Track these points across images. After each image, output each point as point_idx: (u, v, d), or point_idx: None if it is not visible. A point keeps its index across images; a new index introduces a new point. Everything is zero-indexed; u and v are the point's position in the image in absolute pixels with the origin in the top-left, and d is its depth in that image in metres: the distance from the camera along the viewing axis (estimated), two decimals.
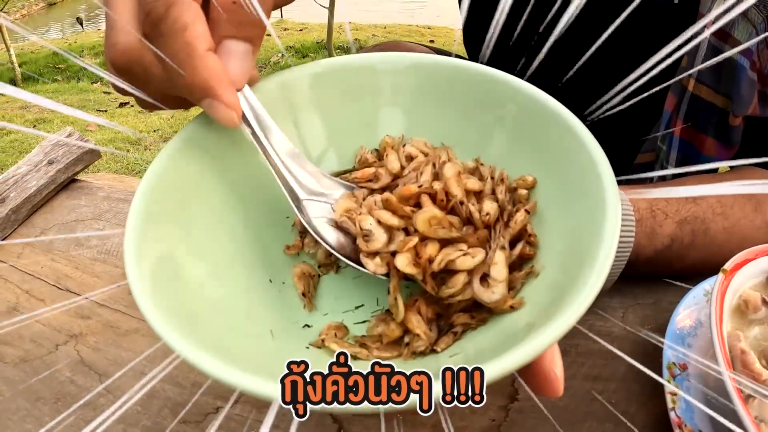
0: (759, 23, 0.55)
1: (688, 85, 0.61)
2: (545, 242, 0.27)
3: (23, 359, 0.38)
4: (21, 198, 0.53)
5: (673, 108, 0.63)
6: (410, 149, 0.32)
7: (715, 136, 0.62)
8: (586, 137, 0.26)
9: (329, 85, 0.32)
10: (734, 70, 0.57)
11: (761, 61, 0.57)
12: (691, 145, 0.63)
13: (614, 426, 0.34)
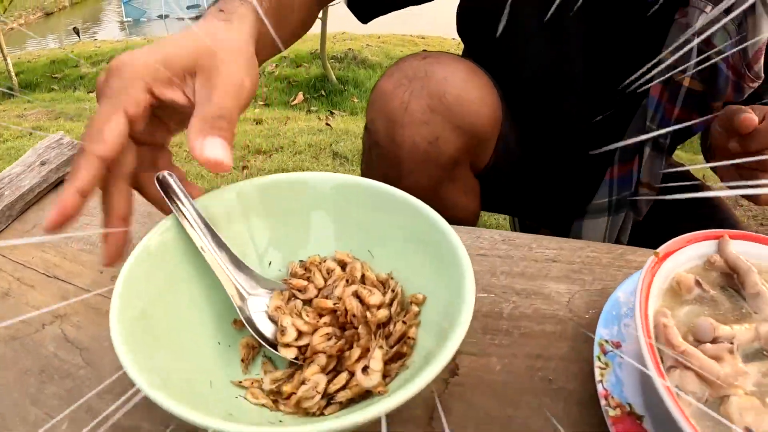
0: (732, 31, 0.70)
1: (682, 81, 0.74)
2: (426, 316, 0.38)
3: (13, 337, 0.41)
4: (15, 196, 0.56)
5: (660, 96, 0.76)
6: (330, 264, 0.43)
7: (699, 113, 0.76)
8: (448, 232, 0.37)
9: (273, 197, 0.43)
10: (714, 69, 0.72)
11: (734, 61, 0.71)
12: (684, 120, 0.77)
13: (550, 400, 0.37)
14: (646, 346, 0.31)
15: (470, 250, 0.45)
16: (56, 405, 0.36)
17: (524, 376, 0.39)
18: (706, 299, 0.38)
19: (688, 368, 0.31)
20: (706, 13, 0.69)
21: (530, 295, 0.45)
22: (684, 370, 0.31)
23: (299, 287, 0.41)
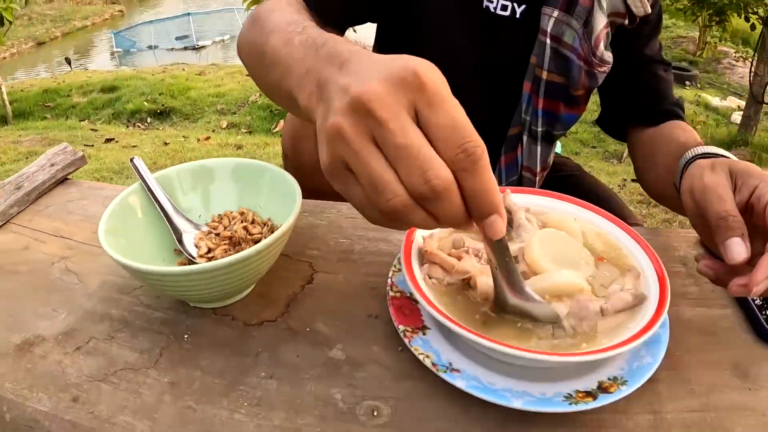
0: (578, 29, 0.89)
1: (541, 75, 0.92)
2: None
3: (30, 271, 0.64)
4: (31, 186, 0.79)
5: (530, 91, 0.94)
6: (234, 214, 0.66)
7: (566, 102, 0.96)
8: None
9: (202, 174, 0.68)
10: (568, 62, 0.90)
11: (584, 52, 0.89)
12: (551, 112, 0.96)
13: (371, 299, 0.59)
14: (403, 250, 0.54)
15: (348, 217, 0.69)
16: (58, 304, 0.59)
17: (360, 286, 0.61)
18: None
19: (434, 263, 0.54)
20: (554, 17, 0.88)
21: (378, 241, 0.68)
22: (431, 264, 0.54)
23: (213, 227, 0.64)
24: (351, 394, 0.47)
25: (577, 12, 0.88)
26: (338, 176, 0.39)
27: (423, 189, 0.36)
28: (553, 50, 0.91)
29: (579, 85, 0.93)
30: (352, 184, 0.39)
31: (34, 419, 0.47)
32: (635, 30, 0.93)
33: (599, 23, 0.89)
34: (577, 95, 0.96)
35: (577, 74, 0.92)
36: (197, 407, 0.46)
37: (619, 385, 0.45)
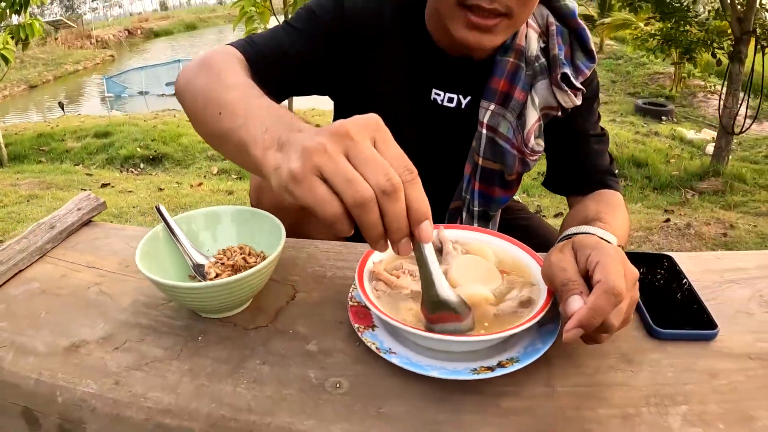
0: (512, 121, 1.02)
1: (478, 161, 1.06)
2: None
3: (70, 294, 0.81)
4: (63, 226, 0.96)
5: (470, 173, 1.08)
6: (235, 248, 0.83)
7: (500, 186, 1.09)
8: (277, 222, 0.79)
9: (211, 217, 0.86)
10: (503, 151, 1.04)
11: (517, 142, 1.03)
12: (486, 193, 1.10)
13: (342, 312, 0.76)
14: (357, 272, 0.71)
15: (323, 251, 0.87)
16: (97, 317, 0.76)
17: (330, 300, 0.78)
18: None
19: (380, 280, 0.72)
20: (490, 110, 1.02)
21: (345, 268, 0.86)
22: (378, 281, 0.72)
23: (219, 258, 0.80)
24: (321, 374, 0.65)
25: (511, 105, 1.01)
26: (305, 181, 0.51)
27: (386, 185, 0.49)
28: (489, 139, 1.04)
29: (513, 171, 1.06)
30: (317, 186, 0.51)
31: (83, 399, 0.63)
32: (572, 111, 1.04)
33: (531, 118, 1.01)
34: (511, 179, 1.09)
35: (512, 161, 1.04)
36: (209, 385, 0.63)
37: (513, 362, 0.62)
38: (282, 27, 1.01)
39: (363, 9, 1.01)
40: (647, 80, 11.83)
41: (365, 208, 0.50)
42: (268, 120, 0.63)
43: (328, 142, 0.51)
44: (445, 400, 0.61)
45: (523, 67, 1.01)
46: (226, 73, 0.79)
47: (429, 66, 1.04)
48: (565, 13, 1.03)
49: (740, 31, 5.14)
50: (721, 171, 5.47)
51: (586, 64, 1.01)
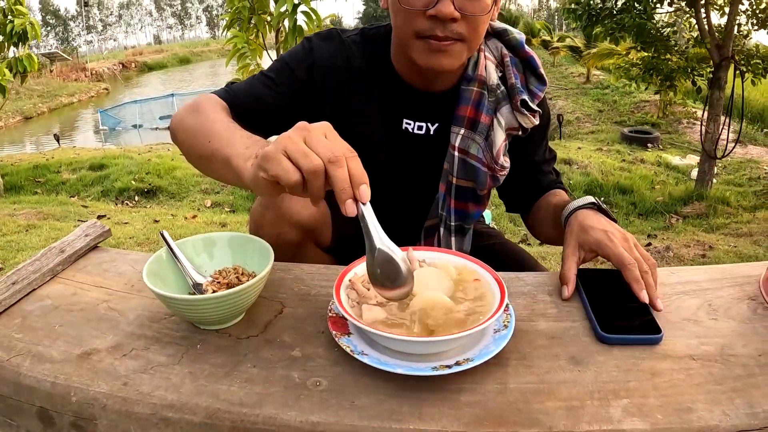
0: (481, 143, 1.17)
1: (452, 181, 1.20)
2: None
3: (81, 309, 0.91)
4: (72, 251, 1.06)
5: (445, 191, 1.21)
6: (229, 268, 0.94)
7: (474, 202, 1.23)
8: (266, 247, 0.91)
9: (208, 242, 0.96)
10: (475, 170, 1.17)
11: (487, 160, 1.17)
12: (461, 209, 1.24)
13: (323, 324, 0.86)
14: (335, 285, 0.82)
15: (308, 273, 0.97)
16: (106, 329, 0.85)
17: (312, 315, 0.88)
18: None
19: (353, 290, 0.83)
20: (461, 135, 1.16)
21: (327, 287, 0.96)
22: (352, 290, 0.82)
23: (216, 277, 0.90)
24: (304, 375, 0.75)
25: (479, 129, 1.16)
26: (274, 158, 0.70)
27: (331, 156, 0.68)
28: (461, 160, 1.18)
29: (485, 186, 1.21)
30: (282, 160, 0.70)
31: (95, 398, 0.72)
32: (528, 135, 1.21)
33: (499, 138, 1.17)
34: (482, 195, 1.24)
35: (483, 178, 1.19)
36: (207, 384, 0.73)
37: (468, 362, 0.72)
38: (258, 77, 1.16)
39: (331, 57, 1.16)
40: (633, 109, 12.09)
41: (316, 174, 0.69)
42: (248, 142, 0.85)
43: (292, 133, 0.72)
44: (409, 396, 0.71)
45: (486, 94, 1.15)
46: (212, 113, 0.99)
47: (398, 99, 1.18)
48: (515, 45, 1.18)
49: (719, 57, 5.34)
50: (704, 195, 5.62)
51: (539, 87, 1.17)
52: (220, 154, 0.86)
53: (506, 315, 0.82)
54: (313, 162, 0.68)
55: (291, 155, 0.69)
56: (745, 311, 0.89)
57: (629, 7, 5.56)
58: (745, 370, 0.76)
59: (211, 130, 0.92)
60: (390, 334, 0.71)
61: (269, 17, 4.33)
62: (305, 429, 0.66)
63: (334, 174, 0.68)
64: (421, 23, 1.02)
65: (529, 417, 0.68)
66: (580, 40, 17.13)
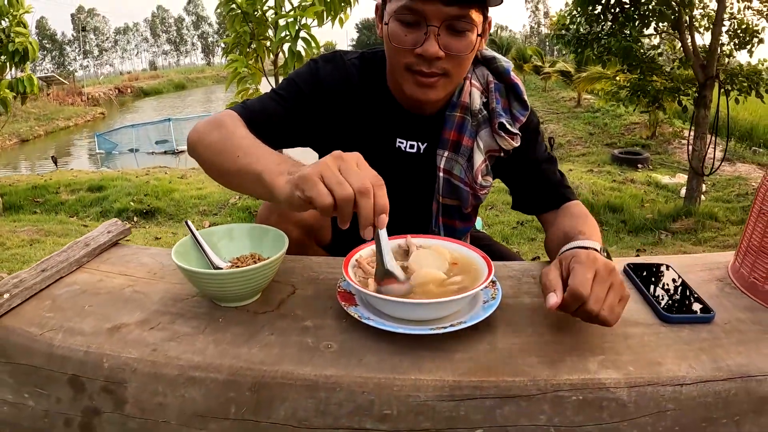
0: (463, 164, 1.25)
1: (439, 200, 1.29)
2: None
3: (108, 292, 1.00)
4: (96, 245, 1.15)
5: (435, 210, 1.31)
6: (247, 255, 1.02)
7: (460, 219, 1.32)
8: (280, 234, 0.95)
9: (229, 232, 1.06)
10: (458, 189, 1.27)
11: (469, 180, 1.25)
12: (450, 226, 1.32)
13: (331, 301, 0.95)
14: (344, 261, 0.91)
15: (316, 263, 1.07)
16: (134, 308, 0.94)
17: (321, 294, 0.97)
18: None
19: (360, 268, 0.92)
20: (445, 156, 1.25)
21: (335, 273, 1.05)
22: (358, 269, 0.92)
23: (234, 263, 0.99)
24: (316, 340, 0.84)
25: (462, 151, 1.25)
26: (311, 180, 0.78)
27: (362, 187, 0.76)
28: (446, 181, 1.26)
29: (468, 204, 1.29)
30: (318, 183, 0.78)
31: (126, 363, 0.81)
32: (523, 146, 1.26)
33: (478, 160, 1.25)
34: (468, 212, 1.32)
35: (466, 197, 1.27)
36: (229, 348, 0.82)
37: (461, 324, 0.82)
38: (270, 94, 1.24)
39: (334, 77, 1.24)
40: (623, 131, 12.29)
41: (347, 201, 0.77)
42: (278, 159, 0.92)
43: (329, 160, 0.80)
44: (409, 354, 0.80)
45: (469, 119, 1.24)
46: (237, 129, 1.06)
47: (392, 119, 1.26)
48: (502, 72, 1.26)
49: (704, 77, 5.50)
50: (693, 211, 5.75)
51: (521, 112, 1.25)
52: (251, 170, 0.92)
53: (494, 289, 0.92)
54: (346, 191, 0.76)
55: (327, 181, 0.77)
56: (714, 289, 1.00)
57: (616, 31, 5.74)
58: (711, 334, 0.86)
59: (240, 145, 0.99)
60: (393, 298, 0.81)
61: (269, 42, 4.46)
62: (320, 381, 0.75)
63: (362, 203, 0.77)
64: (410, 58, 1.11)
65: (515, 368, 0.77)
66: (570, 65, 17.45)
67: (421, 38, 1.08)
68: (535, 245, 4.87)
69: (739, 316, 0.91)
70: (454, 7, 1.06)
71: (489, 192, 1.32)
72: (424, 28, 1.07)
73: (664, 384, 0.75)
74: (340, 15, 4.21)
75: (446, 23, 1.07)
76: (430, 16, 1.06)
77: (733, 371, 0.77)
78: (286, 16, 4.05)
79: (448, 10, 1.06)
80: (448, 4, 1.05)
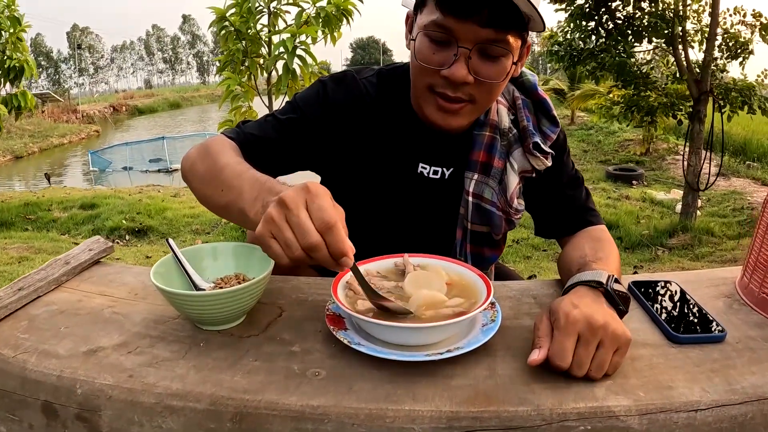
0: (495, 187, 1.16)
1: (467, 226, 1.18)
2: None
3: (88, 313, 0.94)
4: (77, 263, 1.10)
5: (461, 237, 1.20)
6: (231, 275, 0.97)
7: (489, 246, 1.23)
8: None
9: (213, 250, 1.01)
10: (490, 214, 1.17)
11: (501, 204, 1.16)
12: (478, 254, 1.23)
13: (320, 324, 0.90)
14: (333, 282, 0.86)
15: (304, 283, 1.02)
16: (112, 330, 0.88)
17: (309, 316, 0.92)
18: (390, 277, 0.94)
19: (351, 289, 0.87)
20: (474, 179, 1.15)
21: (324, 294, 1.00)
22: (350, 290, 0.87)
23: (218, 284, 0.94)
24: (303, 366, 0.78)
25: (492, 173, 1.15)
26: (264, 243, 0.75)
27: (309, 245, 0.72)
28: (475, 205, 1.16)
29: (501, 231, 1.19)
30: (273, 246, 0.74)
31: (101, 390, 0.75)
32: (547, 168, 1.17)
33: (512, 182, 1.15)
34: (498, 239, 1.22)
35: (498, 222, 1.17)
36: (211, 375, 0.76)
37: (458, 349, 0.77)
38: (270, 118, 1.16)
39: (345, 98, 1.15)
40: (617, 147, 12.34)
41: (300, 261, 0.75)
42: (256, 191, 0.87)
43: (273, 212, 0.74)
44: (403, 381, 0.75)
45: (498, 138, 1.15)
46: (220, 156, 1.00)
47: (415, 142, 1.16)
48: (528, 87, 1.18)
49: (698, 92, 5.51)
50: (689, 227, 5.72)
51: (552, 129, 1.17)
52: (235, 207, 0.89)
53: (493, 311, 0.87)
54: (296, 252, 0.73)
55: (278, 240, 0.74)
56: (722, 306, 0.95)
57: (609, 46, 5.75)
58: (723, 354, 0.81)
59: (222, 179, 0.94)
60: (385, 322, 0.76)
61: (262, 60, 4.45)
62: (306, 411, 0.70)
63: (316, 257, 0.74)
64: (434, 79, 1.02)
65: (517, 396, 0.72)
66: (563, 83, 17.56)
67: (449, 59, 0.99)
68: (531, 263, 4.84)
69: (750, 333, 0.87)
70: (491, 29, 0.96)
71: (522, 217, 1.22)
72: (455, 48, 0.98)
73: (677, 410, 0.70)
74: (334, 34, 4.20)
75: (479, 46, 0.98)
76: (462, 37, 0.97)
77: (749, 393, 0.72)
78: (282, 32, 4.04)
79: (483, 33, 0.96)
80: (485, 26, 0.96)
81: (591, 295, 0.84)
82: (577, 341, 0.75)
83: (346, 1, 4.15)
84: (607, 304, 0.83)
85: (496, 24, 0.96)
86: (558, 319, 0.77)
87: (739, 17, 5.60)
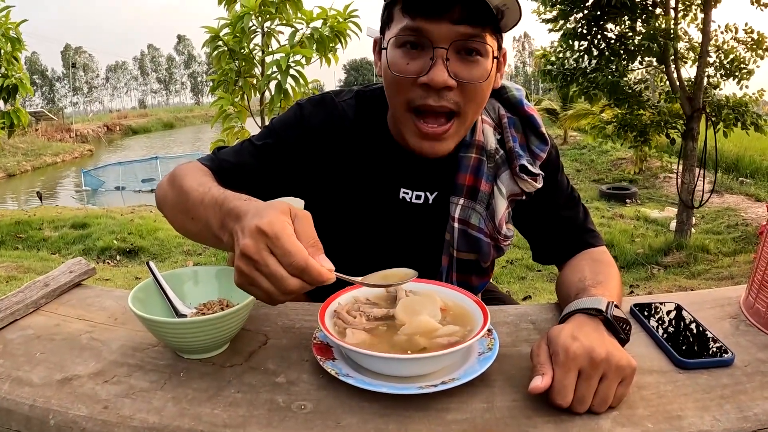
0: (482, 212, 1.09)
1: (453, 254, 1.11)
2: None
3: (64, 339, 0.90)
4: (56, 285, 1.06)
5: (447, 265, 1.13)
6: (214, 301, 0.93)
7: (477, 274, 1.16)
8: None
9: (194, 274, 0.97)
10: (477, 241, 1.10)
11: (489, 230, 1.10)
12: (465, 282, 1.15)
13: (307, 353, 0.86)
14: (320, 310, 0.82)
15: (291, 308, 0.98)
16: (89, 357, 0.84)
17: (296, 345, 0.88)
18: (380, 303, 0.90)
19: (339, 319, 0.83)
20: (460, 205, 1.07)
21: (311, 321, 0.96)
22: (338, 318, 0.83)
23: (200, 309, 0.89)
24: (288, 399, 0.74)
25: (479, 197, 1.08)
26: (245, 289, 0.73)
27: (274, 295, 0.70)
28: (461, 232, 1.09)
29: (489, 258, 1.12)
30: (254, 292, 0.73)
31: (74, 421, 0.71)
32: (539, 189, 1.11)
33: (501, 206, 1.09)
34: (486, 267, 1.15)
35: (486, 250, 1.10)
36: (190, 408, 0.72)
37: (453, 381, 0.72)
38: (246, 144, 1.12)
39: (323, 121, 1.10)
40: (611, 167, 12.36)
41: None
42: (217, 218, 0.82)
43: (242, 265, 0.70)
44: (395, 415, 0.70)
45: (485, 160, 1.09)
46: (183, 182, 0.96)
47: (395, 166, 1.10)
48: (514, 103, 1.12)
49: (691, 109, 5.51)
50: (684, 244, 5.70)
51: (541, 147, 1.10)
52: (207, 234, 0.86)
53: (490, 339, 0.82)
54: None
55: (258, 290, 0.72)
56: (728, 328, 0.92)
57: (602, 66, 5.76)
58: (732, 379, 0.78)
59: (188, 207, 0.91)
60: (376, 353, 0.71)
61: (255, 80, 4.43)
62: None
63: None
64: (413, 92, 0.96)
65: (518, 431, 0.67)
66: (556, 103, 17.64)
67: (426, 65, 0.93)
68: (525, 284, 4.79)
69: (760, 356, 0.83)
70: (466, 25, 0.92)
71: (510, 244, 1.15)
72: (430, 51, 0.93)
73: None
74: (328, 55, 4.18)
75: (456, 44, 0.93)
76: (437, 37, 0.92)
77: (762, 420, 0.69)
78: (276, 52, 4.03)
79: (458, 29, 0.92)
80: (458, 23, 0.91)
81: (590, 324, 0.79)
82: (579, 376, 0.71)
83: (341, 23, 4.13)
84: (607, 332, 0.78)
85: (470, 20, 0.92)
86: (557, 353, 0.73)
87: (732, 34, 5.62)
